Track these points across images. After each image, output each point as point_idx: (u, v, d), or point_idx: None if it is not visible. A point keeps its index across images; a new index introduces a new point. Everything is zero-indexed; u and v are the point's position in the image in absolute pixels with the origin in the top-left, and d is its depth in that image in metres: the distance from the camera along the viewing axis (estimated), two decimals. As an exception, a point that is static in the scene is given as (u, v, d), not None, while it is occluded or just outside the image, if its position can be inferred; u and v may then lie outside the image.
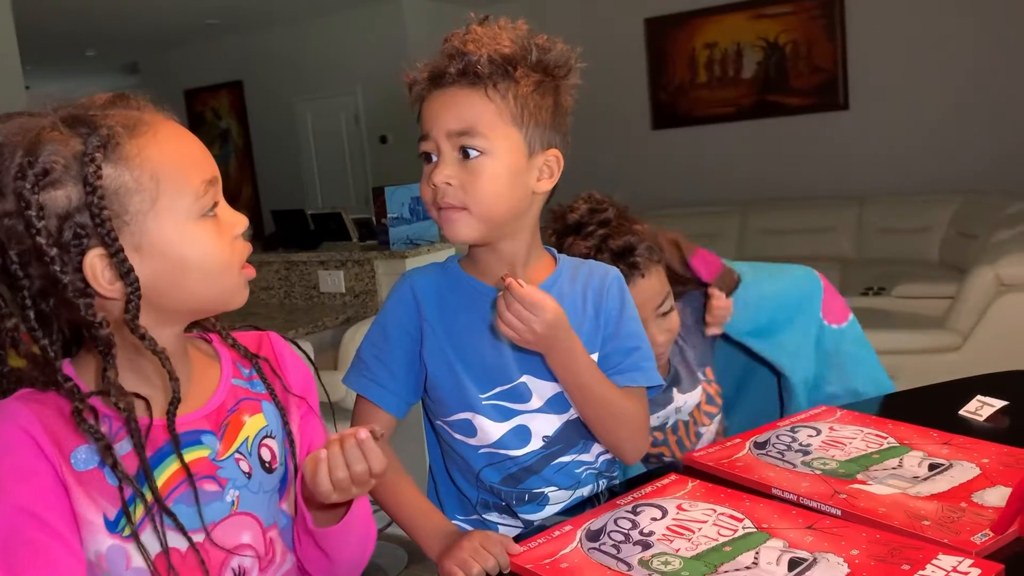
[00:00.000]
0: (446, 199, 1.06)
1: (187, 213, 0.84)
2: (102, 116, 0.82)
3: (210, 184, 0.86)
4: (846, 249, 5.93)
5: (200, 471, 0.87)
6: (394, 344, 1.15)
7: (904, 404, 1.43)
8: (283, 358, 1.01)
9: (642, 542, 0.99)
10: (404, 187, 3.23)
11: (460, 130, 1.06)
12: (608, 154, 6.90)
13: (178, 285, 0.85)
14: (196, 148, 0.88)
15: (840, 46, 6.12)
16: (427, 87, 1.10)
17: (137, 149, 0.82)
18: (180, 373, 0.87)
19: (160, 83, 9.08)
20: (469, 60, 1.06)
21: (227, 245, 0.87)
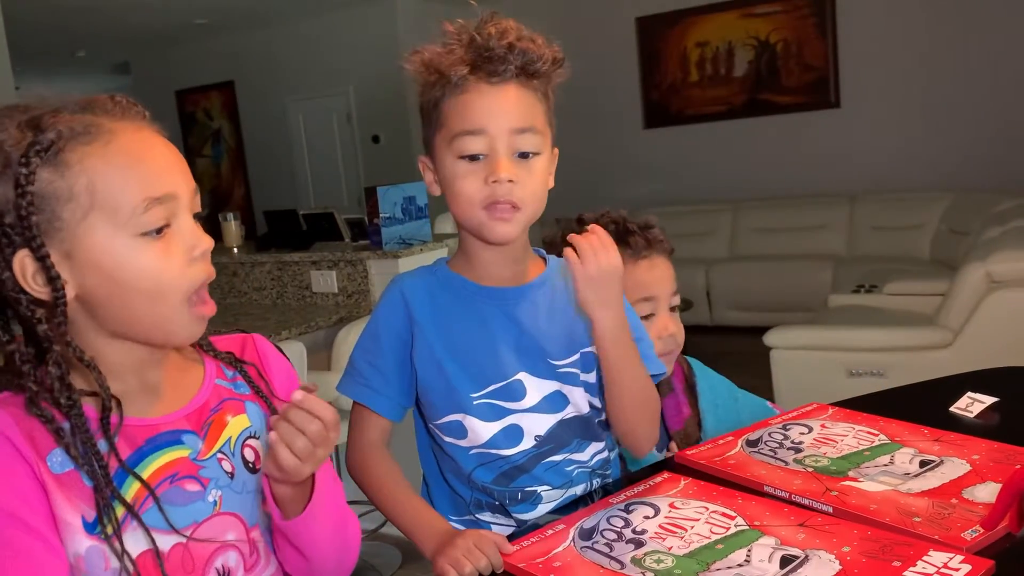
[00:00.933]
0: (509, 197, 1.06)
1: (122, 229, 0.81)
2: (56, 119, 0.81)
3: (157, 202, 0.82)
4: (837, 247, 5.95)
5: (181, 470, 0.87)
6: (386, 349, 1.15)
7: (895, 401, 1.44)
8: (268, 360, 1.02)
9: (635, 540, 0.99)
10: (396, 187, 3.23)
11: (523, 127, 1.06)
12: (600, 153, 6.91)
13: (112, 303, 0.83)
14: (155, 163, 0.83)
15: (831, 44, 6.14)
16: (474, 80, 1.06)
17: (79, 157, 0.80)
18: (153, 376, 0.89)
19: (151, 84, 9.06)
20: (531, 58, 1.06)
21: (172, 268, 0.83)
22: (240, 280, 3.66)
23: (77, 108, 0.84)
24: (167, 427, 0.89)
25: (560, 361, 1.15)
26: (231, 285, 3.69)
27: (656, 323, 1.39)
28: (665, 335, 1.39)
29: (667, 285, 1.41)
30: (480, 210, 1.07)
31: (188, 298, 0.84)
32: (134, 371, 0.88)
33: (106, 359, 0.86)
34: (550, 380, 1.15)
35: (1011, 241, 3.40)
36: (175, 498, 0.86)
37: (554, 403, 1.15)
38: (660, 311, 1.40)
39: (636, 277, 1.38)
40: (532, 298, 1.16)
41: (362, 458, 1.16)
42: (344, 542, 0.98)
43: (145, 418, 0.88)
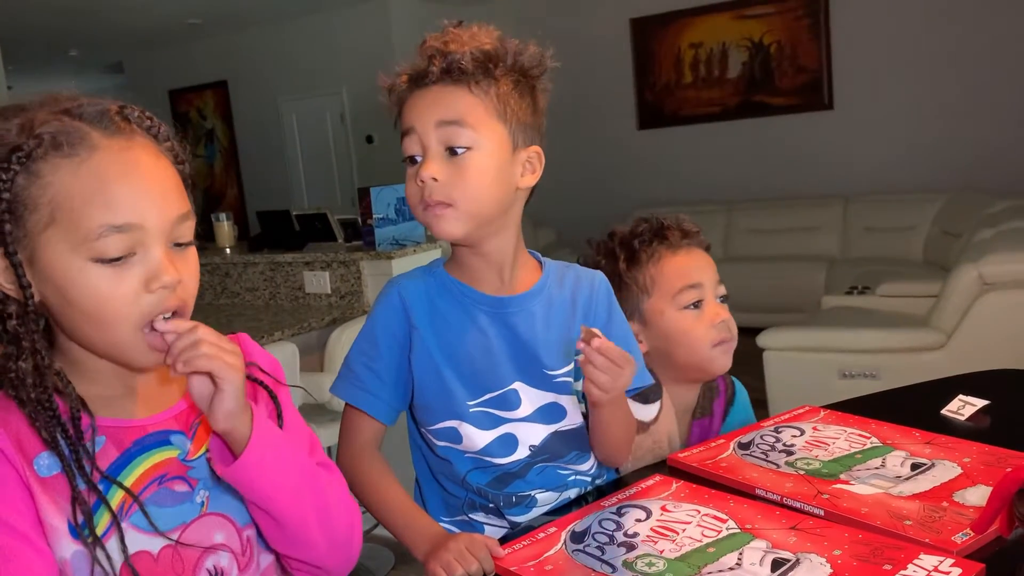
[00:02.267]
0: (433, 196, 1.05)
1: (75, 250, 0.79)
2: (53, 125, 0.80)
3: (116, 230, 0.79)
4: (831, 248, 5.96)
5: (170, 471, 0.87)
6: (384, 351, 1.14)
7: (887, 403, 1.44)
8: (256, 356, 1.01)
9: (626, 543, 0.99)
10: (390, 187, 3.22)
11: (448, 120, 1.05)
12: (594, 154, 6.91)
13: (64, 318, 0.83)
14: (125, 190, 0.80)
15: (825, 46, 6.15)
16: (408, 88, 1.09)
17: (51, 168, 0.79)
18: (137, 379, 0.89)
19: (144, 83, 9.03)
20: (452, 58, 1.06)
21: (123, 295, 0.80)
22: (233, 281, 3.65)
23: (85, 113, 0.82)
24: (155, 428, 0.88)
25: (555, 371, 1.15)
26: (224, 286, 3.68)
27: (706, 311, 1.39)
28: (718, 321, 1.39)
29: (709, 272, 1.41)
30: (419, 209, 1.09)
31: (139, 328, 0.81)
32: (117, 376, 0.87)
33: (88, 363, 0.86)
34: (545, 391, 1.15)
35: (1003, 243, 3.41)
36: (163, 500, 0.86)
37: (550, 414, 1.15)
38: (708, 298, 1.40)
39: (677, 265, 1.40)
40: (530, 307, 1.15)
41: (353, 461, 1.16)
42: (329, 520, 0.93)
43: (132, 419, 0.88)
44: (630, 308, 1.39)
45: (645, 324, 1.41)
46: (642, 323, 1.41)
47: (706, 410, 1.47)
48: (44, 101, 0.83)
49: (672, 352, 1.39)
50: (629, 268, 1.41)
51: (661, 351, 1.39)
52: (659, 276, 1.40)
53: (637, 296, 1.41)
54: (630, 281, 1.41)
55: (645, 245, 1.41)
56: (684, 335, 1.39)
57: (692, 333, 1.38)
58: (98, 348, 0.84)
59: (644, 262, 1.41)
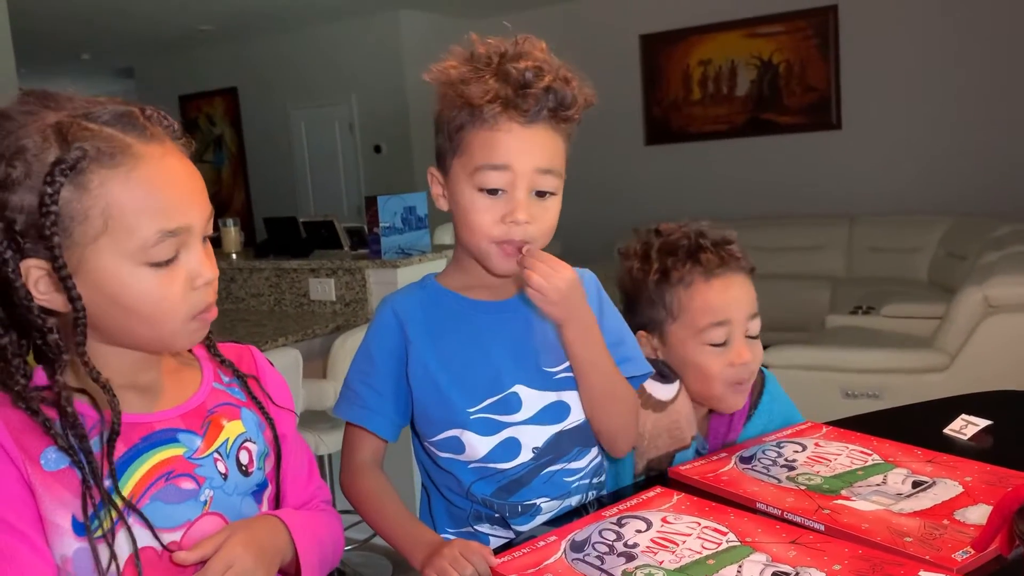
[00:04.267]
0: (520, 237, 1.07)
1: (130, 257, 0.82)
2: (83, 132, 0.80)
3: (170, 235, 0.82)
4: (836, 268, 5.97)
5: (176, 468, 0.88)
6: (380, 368, 1.15)
7: (890, 422, 1.44)
8: (264, 372, 1.03)
9: (626, 554, 0.99)
10: (396, 196, 3.23)
11: (546, 169, 1.07)
12: (601, 169, 6.93)
13: (111, 320, 0.84)
14: (174, 195, 0.84)
15: (833, 66, 6.17)
16: (505, 118, 1.05)
17: (99, 180, 0.80)
18: (148, 376, 0.91)
19: (155, 88, 9.08)
20: (565, 102, 1.06)
21: (175, 294, 0.84)
22: (238, 286, 3.66)
23: (108, 118, 0.83)
24: (162, 425, 0.89)
25: (554, 368, 1.16)
26: (229, 291, 3.69)
27: (731, 350, 1.31)
28: (738, 363, 1.30)
29: (744, 308, 1.32)
30: (492, 244, 1.08)
31: (189, 319, 0.86)
32: (128, 372, 0.90)
33: (99, 359, 0.86)
34: (548, 391, 1.15)
35: (1009, 266, 3.41)
36: (170, 496, 0.86)
37: (555, 414, 1.15)
38: (735, 338, 1.31)
39: (708, 300, 1.30)
40: (522, 308, 1.16)
41: (354, 477, 1.17)
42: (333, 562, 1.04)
43: (140, 415, 0.89)
44: (653, 324, 1.34)
45: (664, 343, 1.35)
46: (661, 341, 1.35)
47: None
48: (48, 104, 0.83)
49: (685, 377, 1.34)
50: (659, 285, 1.33)
51: (675, 367, 1.35)
52: (688, 305, 1.31)
53: (663, 316, 1.34)
54: (657, 299, 1.34)
55: (679, 264, 1.32)
56: (699, 371, 1.32)
57: (708, 371, 1.31)
58: (147, 342, 0.88)
59: (674, 283, 1.32)
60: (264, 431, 0.98)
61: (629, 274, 1.38)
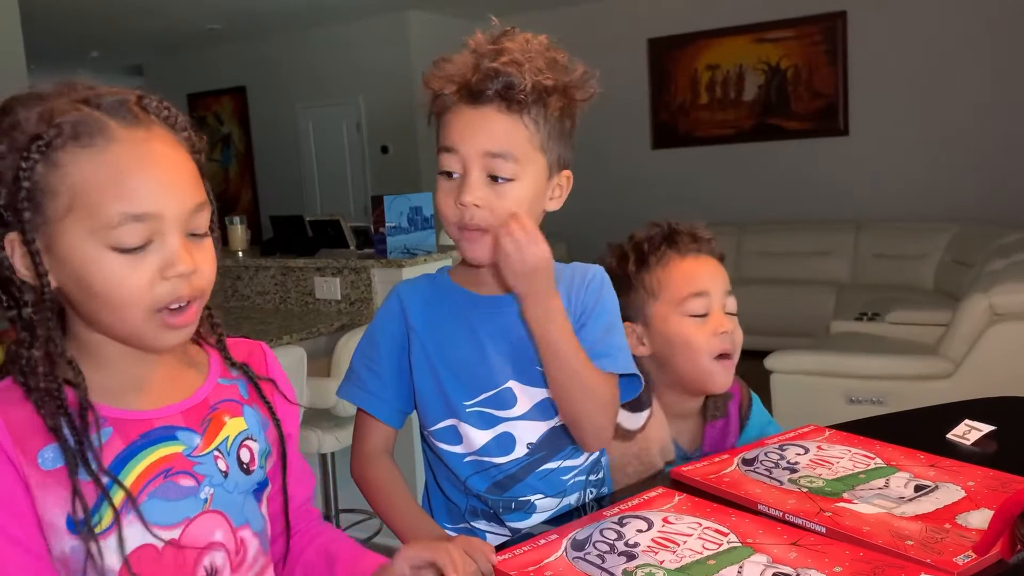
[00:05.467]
0: (473, 221, 1.06)
1: (95, 238, 0.80)
2: (72, 115, 0.81)
3: (135, 219, 0.80)
4: (841, 274, 5.96)
5: (175, 466, 0.86)
6: (384, 353, 1.16)
7: (893, 426, 1.44)
8: (273, 372, 1.02)
9: (627, 553, 1.00)
10: (403, 196, 3.24)
11: (495, 152, 1.06)
12: (608, 172, 6.93)
13: (81, 303, 0.83)
14: (143, 180, 0.81)
15: (841, 72, 6.17)
16: (456, 100, 1.07)
17: (71, 158, 0.80)
18: (148, 371, 0.89)
19: (164, 87, 9.06)
20: (512, 84, 1.05)
21: (138, 281, 0.81)
22: (244, 284, 3.67)
23: (102, 102, 0.83)
24: (161, 422, 0.88)
25: None
26: (235, 289, 3.70)
27: (711, 321, 1.36)
28: (720, 331, 1.36)
29: (719, 283, 1.39)
30: (455, 230, 1.09)
31: (152, 314, 0.83)
32: (128, 365, 0.88)
33: (100, 352, 0.87)
34: (539, 388, 1.15)
35: (1015, 274, 3.40)
36: (169, 493, 0.86)
37: (545, 411, 1.16)
38: (714, 308, 1.37)
39: (684, 271, 1.38)
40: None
41: (363, 465, 1.17)
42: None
43: (139, 411, 0.88)
44: (636, 310, 1.38)
45: (649, 328, 1.39)
46: (646, 326, 1.39)
47: (720, 411, 1.46)
48: (61, 90, 0.84)
49: (672, 359, 1.37)
50: (638, 270, 1.40)
51: (662, 357, 1.38)
52: (666, 280, 1.38)
53: (644, 299, 1.39)
54: (637, 283, 1.40)
55: (654, 248, 1.40)
56: (685, 343, 1.36)
57: (693, 341, 1.35)
58: (115, 332, 0.85)
59: (652, 265, 1.39)
60: (267, 429, 0.97)
61: (610, 273, 1.38)
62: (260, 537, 0.94)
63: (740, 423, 1.48)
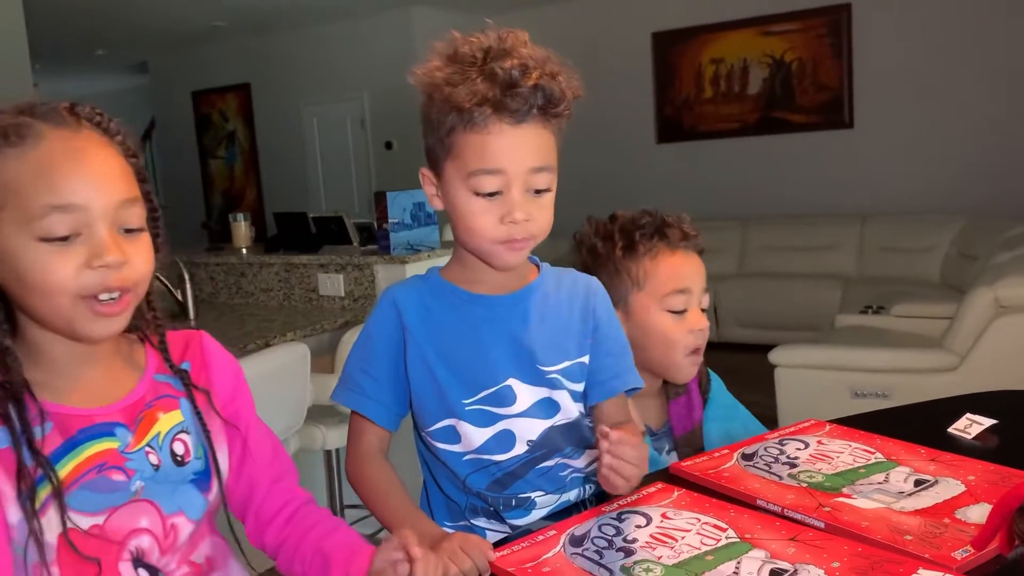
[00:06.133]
0: (523, 235, 1.07)
1: (24, 231, 0.86)
2: (7, 121, 0.87)
3: (58, 210, 0.86)
4: (847, 267, 5.94)
5: (109, 461, 0.93)
6: (379, 356, 1.16)
7: (894, 420, 1.43)
8: (210, 359, 1.07)
9: (625, 549, 1.00)
10: (406, 192, 3.24)
11: (540, 167, 1.07)
12: (612, 166, 6.92)
13: (19, 294, 0.89)
14: (68, 173, 0.87)
15: (846, 65, 6.15)
16: (492, 118, 1.04)
17: (3, 157, 0.86)
18: (92, 370, 0.96)
19: (168, 84, 9.13)
20: (553, 98, 1.05)
21: (64, 269, 0.86)
22: (248, 281, 3.68)
23: (38, 110, 0.89)
24: (102, 419, 0.94)
25: (549, 367, 1.16)
26: (239, 285, 3.70)
27: (689, 317, 1.41)
28: (697, 329, 1.41)
29: (700, 280, 1.43)
30: (502, 248, 1.09)
31: (80, 300, 0.88)
32: (73, 365, 0.94)
33: (45, 350, 0.93)
34: (539, 386, 1.15)
35: (1020, 267, 3.39)
36: (100, 486, 0.92)
37: (544, 409, 1.16)
38: (693, 305, 1.42)
39: (673, 267, 1.41)
40: (523, 305, 1.17)
41: (358, 467, 1.17)
42: None
43: (83, 408, 0.94)
44: (617, 296, 1.40)
45: (627, 315, 1.42)
46: (624, 312, 1.41)
47: (680, 389, 1.49)
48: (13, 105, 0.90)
49: (647, 347, 1.41)
50: (625, 257, 1.42)
51: (635, 341, 1.37)
52: (653, 273, 1.41)
53: (627, 287, 1.42)
54: (623, 270, 1.42)
55: (645, 238, 1.42)
56: (663, 336, 1.41)
57: (671, 336, 1.41)
58: (49, 322, 0.91)
59: (641, 255, 1.42)
60: (206, 415, 1.02)
61: (591, 252, 1.47)
62: (197, 523, 0.99)
63: (703, 398, 1.52)
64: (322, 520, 1.06)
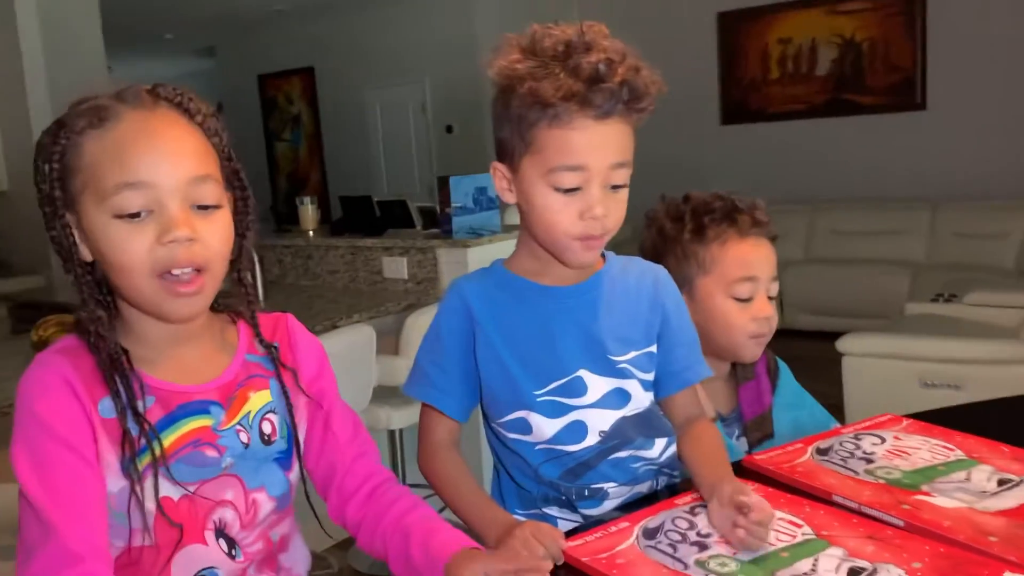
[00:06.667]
0: (600, 232, 1.07)
1: (102, 209, 0.90)
2: (95, 104, 0.91)
3: (129, 187, 0.88)
4: (917, 253, 5.78)
5: (203, 437, 0.97)
6: (449, 349, 1.17)
7: (973, 416, 1.40)
8: (297, 340, 1.10)
9: (699, 543, 0.99)
10: (468, 177, 3.25)
11: (620, 163, 1.06)
12: (675, 149, 6.82)
13: (107, 272, 0.93)
14: (139, 152, 0.89)
15: (919, 45, 5.96)
16: (578, 113, 1.03)
17: (87, 139, 0.90)
18: (187, 349, 1.00)
19: (235, 68, 9.29)
20: (639, 94, 1.04)
21: (138, 246, 0.89)
22: (315, 263, 3.73)
23: (124, 93, 0.93)
24: (199, 396, 0.98)
25: (618, 357, 1.16)
26: (306, 267, 3.77)
27: (754, 305, 1.40)
28: (761, 317, 1.39)
29: (769, 268, 1.41)
30: (569, 240, 1.09)
31: (155, 277, 0.90)
32: (166, 342, 0.98)
33: (141, 328, 0.97)
34: (610, 376, 1.15)
35: (1104, 255, 3.26)
36: (195, 460, 0.96)
37: (616, 399, 1.16)
38: (759, 293, 1.40)
39: (741, 254, 1.40)
40: (591, 295, 1.16)
41: (430, 458, 1.18)
42: None
43: (181, 385, 0.98)
44: (682, 278, 1.38)
45: (691, 298, 1.40)
46: (688, 295, 1.39)
47: (749, 373, 1.48)
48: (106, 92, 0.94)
49: (709, 331, 1.39)
50: (693, 241, 1.41)
51: (697, 326, 1.36)
52: (721, 259, 1.40)
53: (693, 271, 1.41)
54: (690, 253, 1.41)
55: (715, 224, 1.41)
56: (725, 322, 1.40)
57: (733, 322, 1.39)
58: (133, 300, 0.95)
59: (710, 240, 1.40)
60: (292, 395, 1.05)
61: (660, 233, 1.45)
62: (277, 500, 1.03)
63: (772, 384, 1.50)
64: (402, 497, 1.07)
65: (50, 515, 0.87)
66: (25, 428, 0.91)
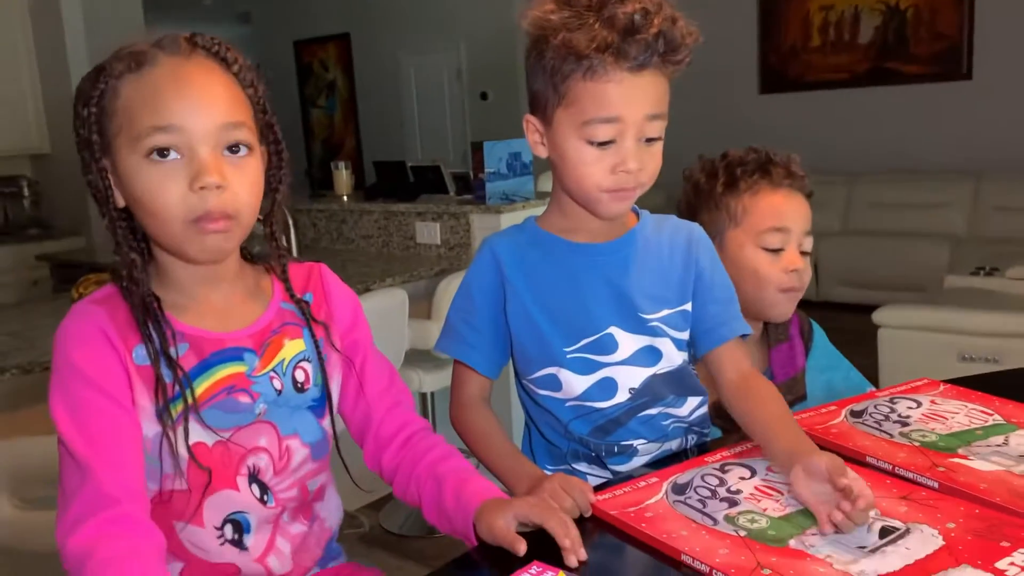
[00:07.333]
0: (632, 184, 1.06)
1: (135, 150, 0.91)
2: (127, 52, 0.92)
3: (159, 131, 0.89)
4: (957, 226, 5.67)
5: (237, 384, 0.99)
6: (479, 306, 1.17)
7: (1013, 382, 1.37)
8: (331, 290, 1.10)
9: (728, 499, 0.99)
10: (503, 142, 3.23)
11: (655, 114, 1.05)
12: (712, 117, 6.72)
13: (141, 217, 0.94)
14: (170, 95, 0.90)
15: (967, 12, 5.79)
16: (614, 66, 1.01)
17: (124, 83, 0.91)
18: (219, 295, 1.01)
19: (271, 34, 9.29)
20: (675, 46, 1.02)
21: (172, 191, 0.90)
22: (349, 227, 3.75)
23: (162, 40, 0.94)
24: (232, 343, 0.99)
25: (650, 315, 1.15)
26: (340, 232, 3.79)
27: (784, 257, 1.38)
28: (791, 269, 1.37)
29: (802, 221, 1.39)
30: (608, 197, 1.08)
31: (189, 222, 0.91)
32: (197, 286, 0.99)
33: (177, 277, 0.99)
34: (641, 334, 1.15)
35: None
36: (228, 406, 0.98)
37: (647, 357, 1.15)
38: (791, 245, 1.38)
39: (773, 204, 1.38)
40: (623, 253, 1.15)
41: (461, 413, 1.19)
42: None
43: (214, 332, 0.99)
44: (713, 230, 1.37)
45: (722, 250, 1.37)
46: (720, 248, 1.36)
47: (782, 335, 1.46)
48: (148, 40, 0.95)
49: (739, 284, 1.33)
50: (725, 193, 1.41)
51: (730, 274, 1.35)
52: (752, 209, 1.39)
53: (724, 222, 1.40)
54: (722, 205, 1.41)
55: (747, 175, 1.40)
56: (755, 273, 1.38)
57: (763, 274, 1.38)
58: (165, 244, 0.96)
59: (741, 191, 1.40)
60: (324, 347, 1.06)
61: (695, 188, 1.45)
62: (312, 447, 1.04)
63: (805, 346, 1.49)
64: (437, 445, 1.08)
65: (87, 460, 0.88)
66: (62, 377, 0.92)
